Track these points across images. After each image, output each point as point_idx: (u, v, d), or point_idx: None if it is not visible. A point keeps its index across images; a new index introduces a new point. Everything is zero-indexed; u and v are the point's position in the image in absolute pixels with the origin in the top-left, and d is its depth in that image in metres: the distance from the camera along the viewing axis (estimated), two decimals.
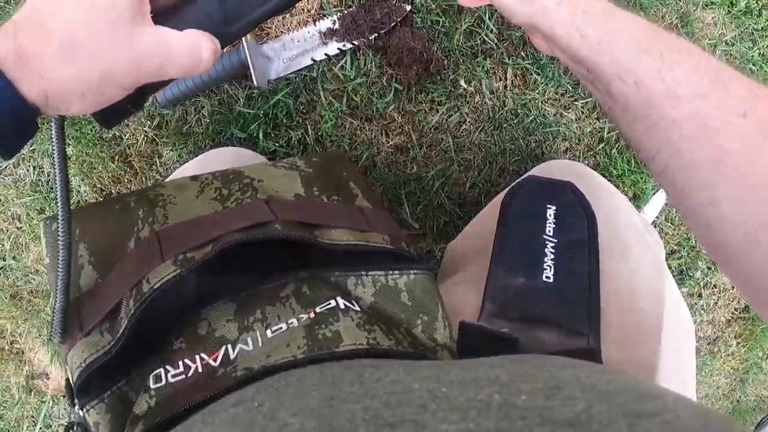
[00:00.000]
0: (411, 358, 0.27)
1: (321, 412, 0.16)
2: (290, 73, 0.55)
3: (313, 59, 0.54)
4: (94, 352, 0.26)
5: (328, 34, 0.54)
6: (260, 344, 0.26)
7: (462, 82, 0.56)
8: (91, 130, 0.60)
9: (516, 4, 0.26)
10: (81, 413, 0.26)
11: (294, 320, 0.27)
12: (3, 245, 0.68)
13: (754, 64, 0.68)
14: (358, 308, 0.28)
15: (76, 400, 0.26)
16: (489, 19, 0.55)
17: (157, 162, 0.60)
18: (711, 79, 0.22)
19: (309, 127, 0.56)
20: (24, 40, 0.20)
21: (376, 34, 0.53)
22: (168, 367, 0.26)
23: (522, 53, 0.57)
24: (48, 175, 0.64)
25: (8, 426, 0.71)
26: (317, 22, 0.54)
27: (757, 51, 0.67)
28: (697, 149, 0.22)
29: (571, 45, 0.25)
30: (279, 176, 0.34)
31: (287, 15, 0.55)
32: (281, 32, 0.56)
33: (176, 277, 0.26)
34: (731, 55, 0.66)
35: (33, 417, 0.72)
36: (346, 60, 0.54)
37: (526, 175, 0.41)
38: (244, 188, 0.32)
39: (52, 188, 0.64)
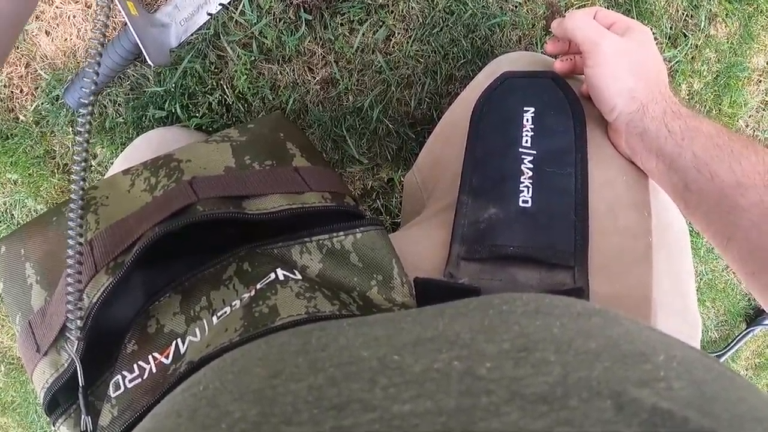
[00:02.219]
0: None
1: (263, 395, 0.15)
2: (191, 36, 0.50)
3: (209, 13, 0.49)
4: (54, 371, 0.26)
5: None
6: (206, 333, 0.26)
7: None
8: (24, 153, 0.59)
9: (622, 100, 0.31)
10: (54, 428, 0.27)
11: (237, 302, 0.26)
12: None
13: None
14: (299, 277, 0.27)
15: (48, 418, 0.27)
16: None
17: (94, 163, 0.58)
18: None
19: (225, 86, 0.51)
20: None
21: None
22: (125, 373, 0.26)
23: None
24: (5, 204, 0.64)
25: None
26: None
27: None
28: (764, 234, 0.25)
29: (659, 138, 0.29)
30: (210, 152, 0.33)
31: None
32: None
33: (110, 286, 0.25)
34: None
35: None
36: (243, 3, 0.49)
37: (494, 75, 0.36)
38: (171, 172, 0.31)
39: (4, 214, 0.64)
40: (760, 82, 0.70)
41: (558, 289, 0.29)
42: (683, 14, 0.61)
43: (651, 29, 0.60)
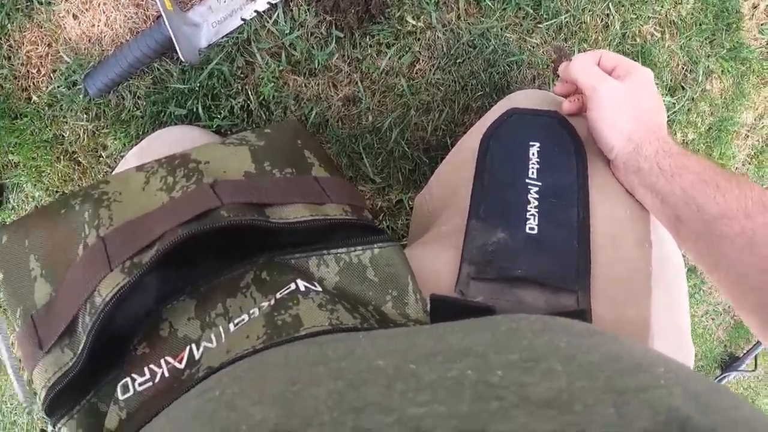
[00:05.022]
0: None
1: (283, 398, 0.16)
2: (221, 38, 0.52)
3: (242, 18, 0.52)
4: (57, 370, 0.26)
5: None
6: (223, 340, 0.26)
7: (409, 19, 0.53)
8: (31, 134, 0.59)
9: (619, 142, 0.34)
10: (54, 430, 0.26)
11: (256, 310, 0.27)
12: None
13: None
14: (319, 289, 0.27)
15: (48, 419, 0.26)
16: None
17: (103, 154, 0.59)
18: (755, 203, 0.28)
19: (250, 92, 0.54)
20: None
21: None
22: (135, 376, 0.25)
23: None
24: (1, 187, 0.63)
25: (22, 431, 0.75)
26: None
27: None
28: (746, 260, 0.27)
29: (651, 175, 0.33)
30: (227, 155, 0.33)
31: None
32: None
33: (126, 287, 0.25)
34: None
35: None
36: (278, 13, 0.52)
37: (506, 108, 0.39)
38: (190, 173, 0.31)
39: None
40: (747, 137, 0.77)
41: (562, 310, 0.30)
42: (683, 68, 0.67)
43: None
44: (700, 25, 0.65)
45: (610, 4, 0.60)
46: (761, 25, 0.71)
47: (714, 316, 0.88)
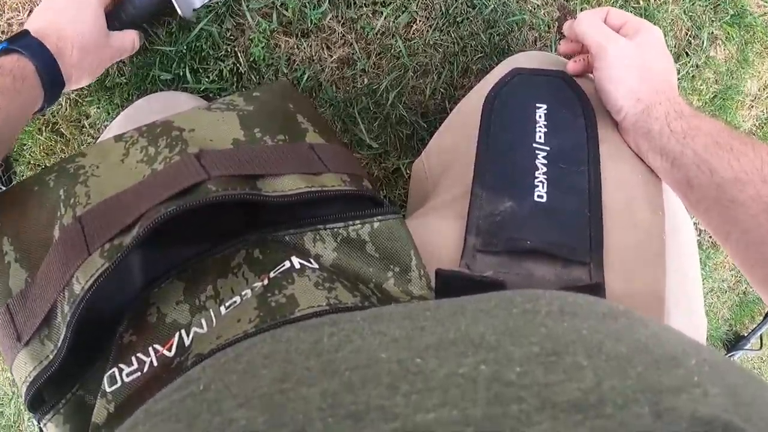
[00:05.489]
0: None
1: (272, 401, 0.14)
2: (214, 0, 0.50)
3: None
4: (38, 364, 0.24)
5: None
6: (214, 324, 0.24)
7: None
8: None
9: (628, 102, 0.33)
10: (40, 426, 0.25)
11: (248, 291, 0.25)
12: None
13: None
14: (316, 266, 0.26)
15: (32, 415, 0.25)
16: None
17: (86, 124, 0.57)
18: None
19: (239, 54, 0.52)
20: (54, 42, 0.36)
21: None
22: (122, 365, 0.24)
23: None
24: None
25: (9, 422, 0.73)
26: None
27: None
28: (762, 226, 0.26)
29: (662, 137, 0.31)
30: (214, 121, 0.31)
31: None
32: None
33: (106, 273, 0.23)
34: None
35: None
36: None
37: (507, 70, 0.37)
38: (173, 143, 0.29)
39: None
40: (752, 107, 0.76)
41: (575, 284, 0.29)
42: (686, 33, 0.66)
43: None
44: None
45: None
46: None
47: (719, 294, 0.87)
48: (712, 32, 0.67)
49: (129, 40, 0.45)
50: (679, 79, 0.67)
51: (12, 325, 0.25)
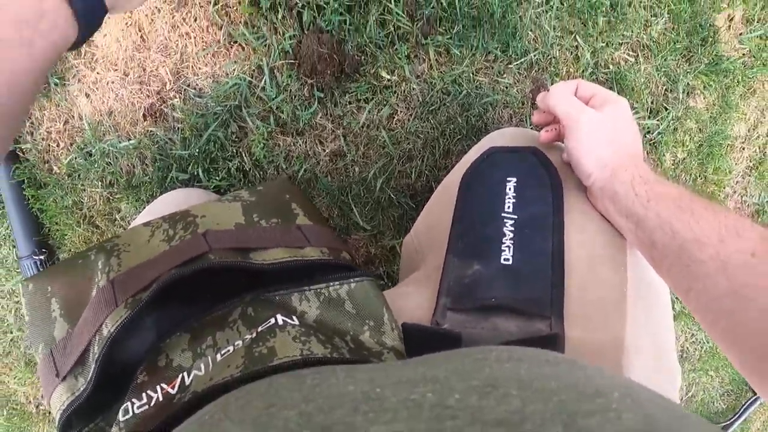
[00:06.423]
0: (351, 364, 0.30)
1: (260, 420, 0.18)
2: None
3: None
4: (70, 395, 0.30)
5: None
6: (210, 368, 0.29)
7: (384, 74, 0.58)
8: (54, 202, 0.67)
9: (596, 169, 0.36)
10: None
11: (239, 342, 0.30)
12: (7, 319, 0.77)
13: None
14: (296, 323, 0.31)
15: None
16: (395, 4, 0.56)
17: (117, 217, 0.65)
18: (728, 229, 0.29)
19: (244, 154, 0.59)
20: None
21: None
22: (134, 400, 0.29)
23: (439, 29, 0.58)
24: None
25: None
26: None
27: None
28: (720, 283, 0.28)
29: (627, 201, 0.34)
30: (222, 210, 0.38)
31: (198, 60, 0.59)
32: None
33: (127, 319, 0.30)
34: None
35: None
36: (264, 80, 0.57)
37: (484, 149, 0.42)
38: (187, 226, 0.36)
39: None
40: (743, 149, 0.78)
41: (535, 335, 0.32)
42: (663, 89, 0.70)
43: (632, 103, 0.68)
44: (674, 44, 0.67)
45: (577, 36, 0.63)
46: (740, 35, 0.72)
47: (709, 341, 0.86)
48: (688, 83, 0.70)
49: None
50: (660, 133, 0.70)
51: (53, 365, 0.31)
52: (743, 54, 0.73)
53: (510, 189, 0.39)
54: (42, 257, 0.68)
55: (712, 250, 0.29)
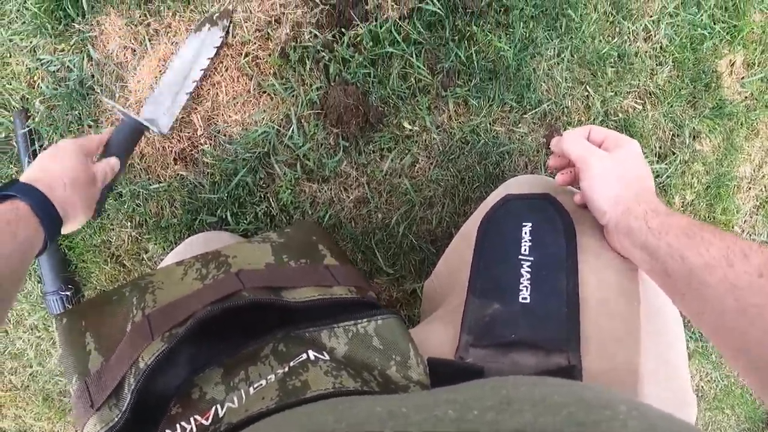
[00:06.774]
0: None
1: None
2: (179, 115, 0.58)
3: (187, 93, 0.58)
4: (104, 425, 0.31)
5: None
6: (244, 401, 0.31)
7: (406, 124, 0.61)
8: (83, 240, 0.69)
9: (609, 207, 0.38)
10: None
11: (272, 376, 0.32)
12: (28, 353, 0.78)
13: (704, 28, 0.70)
14: (327, 358, 0.33)
15: None
16: (416, 58, 0.60)
17: (144, 257, 0.68)
18: (736, 252, 0.31)
19: (271, 199, 0.62)
20: (45, 183, 0.41)
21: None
22: (167, 431, 0.30)
23: (458, 81, 0.61)
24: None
25: None
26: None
27: (704, 14, 0.69)
28: (729, 304, 0.30)
29: (641, 234, 0.36)
30: (252, 251, 0.41)
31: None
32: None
33: (164, 352, 0.31)
34: (679, 26, 0.69)
35: None
36: (292, 129, 0.60)
37: (501, 196, 0.44)
38: (220, 265, 0.38)
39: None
40: (749, 188, 0.81)
41: (553, 368, 0.34)
42: (670, 134, 0.73)
43: (641, 149, 0.70)
44: (679, 90, 0.71)
45: (587, 86, 0.66)
46: (742, 79, 0.76)
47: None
48: (694, 128, 0.73)
49: (110, 165, 0.51)
50: (668, 176, 0.73)
51: (88, 396, 0.32)
52: (745, 97, 0.77)
53: (526, 233, 0.41)
54: (68, 293, 0.70)
55: (720, 273, 0.30)
